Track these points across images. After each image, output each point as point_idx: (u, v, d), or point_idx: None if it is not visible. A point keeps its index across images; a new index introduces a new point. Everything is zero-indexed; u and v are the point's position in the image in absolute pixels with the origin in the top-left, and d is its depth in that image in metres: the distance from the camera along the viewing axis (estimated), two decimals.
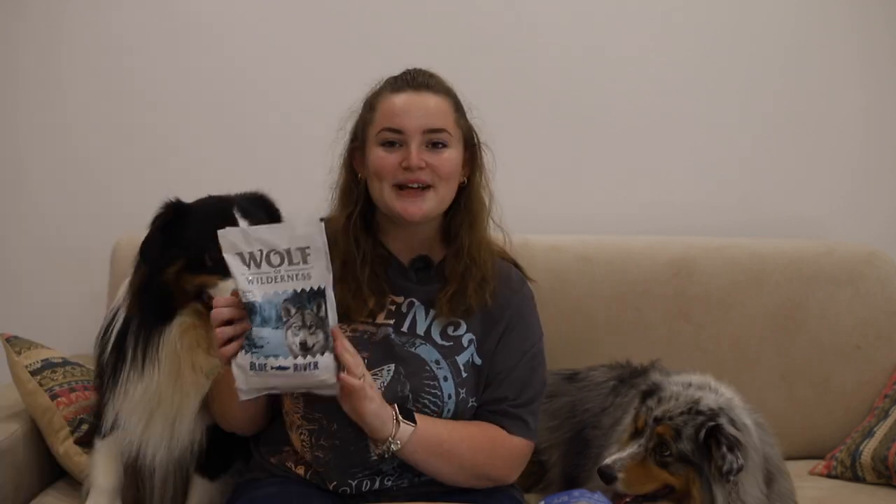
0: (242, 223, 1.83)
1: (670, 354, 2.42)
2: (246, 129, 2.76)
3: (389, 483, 1.82)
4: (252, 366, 1.60)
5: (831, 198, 2.90)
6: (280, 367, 1.60)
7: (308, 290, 1.61)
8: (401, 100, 1.81)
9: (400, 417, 1.72)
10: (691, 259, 2.59)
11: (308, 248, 1.60)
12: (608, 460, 1.81)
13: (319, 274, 1.61)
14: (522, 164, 2.75)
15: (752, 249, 2.64)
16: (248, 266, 1.59)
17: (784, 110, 2.87)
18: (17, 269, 2.75)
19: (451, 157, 1.82)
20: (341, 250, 1.84)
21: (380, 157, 1.81)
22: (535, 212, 2.73)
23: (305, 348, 1.61)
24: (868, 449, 2.40)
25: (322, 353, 1.61)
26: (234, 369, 1.62)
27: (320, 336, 1.61)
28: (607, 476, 1.78)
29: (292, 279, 1.60)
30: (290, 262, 1.60)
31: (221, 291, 1.77)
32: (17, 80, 2.73)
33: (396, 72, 1.88)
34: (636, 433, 1.86)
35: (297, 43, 2.74)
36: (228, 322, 1.62)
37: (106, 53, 2.72)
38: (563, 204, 2.81)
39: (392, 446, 1.71)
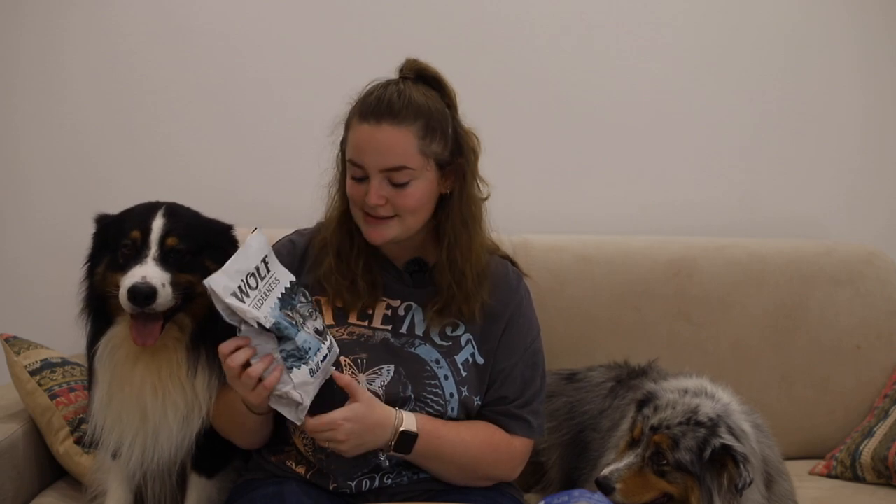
0: (157, 222, 1.83)
1: (670, 354, 2.42)
2: (248, 130, 2.76)
3: (389, 481, 1.82)
4: (311, 372, 1.66)
5: (831, 198, 2.90)
6: (324, 358, 1.69)
7: (285, 289, 1.70)
8: (363, 133, 1.77)
9: (402, 417, 1.75)
10: (691, 259, 2.59)
11: (266, 256, 1.69)
12: (605, 471, 1.80)
13: (282, 273, 1.71)
14: (522, 164, 2.76)
15: (752, 249, 2.64)
16: (244, 300, 1.62)
17: (784, 110, 2.87)
18: (18, 268, 2.75)
19: (415, 191, 1.78)
20: (335, 243, 1.86)
21: (350, 185, 1.82)
22: (535, 212, 2.73)
23: (319, 332, 1.71)
24: (868, 449, 2.40)
25: (328, 335, 1.73)
26: (293, 393, 1.65)
27: (319, 318, 1.74)
28: (605, 487, 1.78)
29: (271, 288, 1.68)
30: (261, 277, 1.67)
31: (122, 287, 1.77)
32: (17, 79, 2.72)
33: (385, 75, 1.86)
34: (633, 442, 1.86)
35: (297, 42, 2.74)
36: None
37: (107, 54, 2.72)
38: (563, 204, 2.81)
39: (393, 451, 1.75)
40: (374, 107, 1.77)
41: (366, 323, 1.86)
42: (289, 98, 2.74)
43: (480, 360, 1.86)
